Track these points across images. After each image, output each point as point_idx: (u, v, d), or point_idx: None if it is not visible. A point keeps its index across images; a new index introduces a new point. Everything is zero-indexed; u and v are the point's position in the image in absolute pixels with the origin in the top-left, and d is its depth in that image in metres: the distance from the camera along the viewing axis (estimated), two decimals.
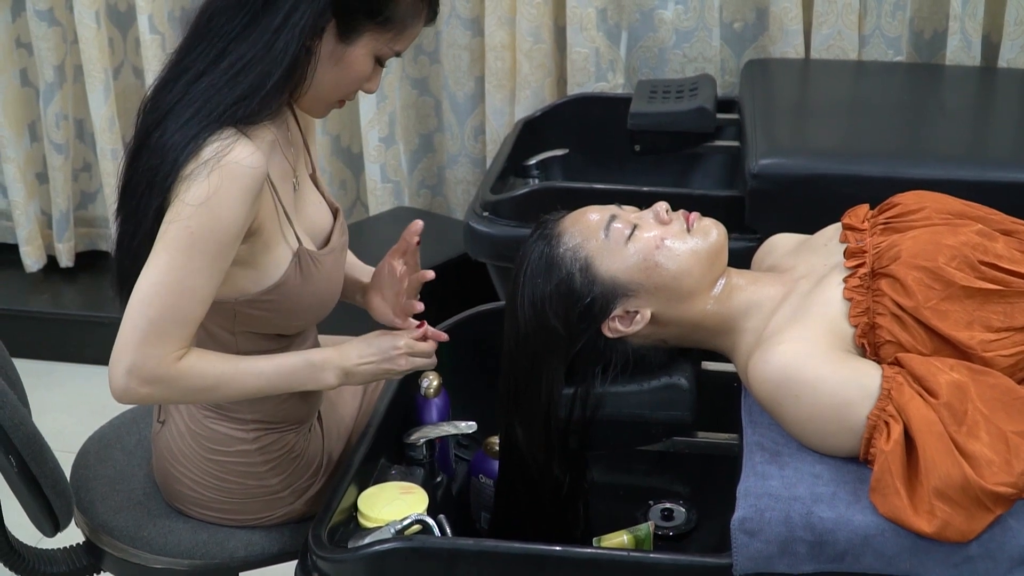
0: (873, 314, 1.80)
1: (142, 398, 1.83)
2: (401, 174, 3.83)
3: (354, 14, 1.84)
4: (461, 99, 3.80)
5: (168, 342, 1.79)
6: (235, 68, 1.82)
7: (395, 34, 1.90)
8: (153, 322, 1.78)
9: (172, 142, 1.80)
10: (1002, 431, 1.65)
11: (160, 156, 1.81)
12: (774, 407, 1.80)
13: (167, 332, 1.79)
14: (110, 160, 3.89)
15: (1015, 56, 3.39)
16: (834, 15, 3.45)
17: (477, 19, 3.68)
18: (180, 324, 1.80)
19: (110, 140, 3.88)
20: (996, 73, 3.39)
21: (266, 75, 1.81)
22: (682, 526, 2.20)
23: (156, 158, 1.81)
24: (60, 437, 2.12)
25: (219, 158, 1.77)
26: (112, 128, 3.87)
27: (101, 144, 3.89)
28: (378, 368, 1.97)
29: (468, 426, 2.10)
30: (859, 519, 1.65)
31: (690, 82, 3.28)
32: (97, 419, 2.41)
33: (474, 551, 1.78)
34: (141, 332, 1.78)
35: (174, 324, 1.79)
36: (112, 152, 3.88)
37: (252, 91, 1.81)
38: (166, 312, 1.78)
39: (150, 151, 1.83)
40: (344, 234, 2.09)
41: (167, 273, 1.78)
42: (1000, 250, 1.82)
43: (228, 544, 2.07)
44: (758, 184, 2.69)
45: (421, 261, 2.10)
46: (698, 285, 1.93)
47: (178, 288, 1.78)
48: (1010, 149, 2.95)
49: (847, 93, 3.33)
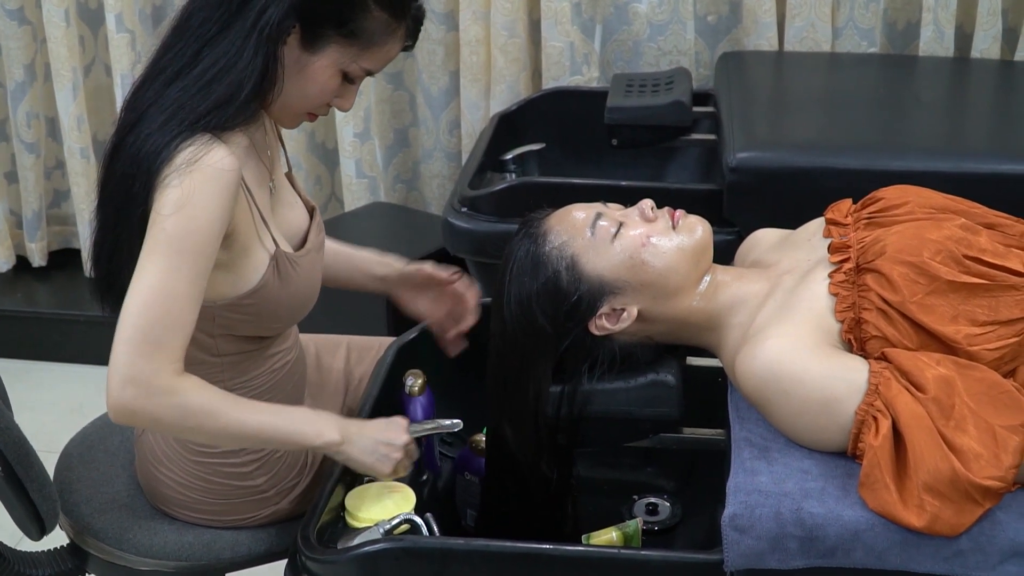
0: (859, 309, 1.81)
1: (138, 414, 1.78)
2: (376, 169, 3.82)
3: (319, 21, 1.81)
4: (436, 93, 3.79)
5: (164, 351, 1.77)
6: (208, 75, 1.80)
7: (361, 49, 1.85)
8: (146, 332, 1.76)
9: (145, 150, 1.79)
10: (989, 425, 1.66)
11: (135, 164, 1.80)
12: (762, 403, 1.80)
13: (161, 341, 1.76)
14: (79, 159, 3.87)
15: (988, 47, 3.41)
16: (807, 7, 3.46)
17: (452, 13, 3.68)
18: (173, 331, 1.77)
19: (78, 139, 3.85)
20: (969, 64, 3.41)
21: (239, 85, 1.80)
22: (667, 521, 2.20)
23: (131, 166, 1.80)
24: (39, 437, 2.11)
25: (193, 162, 1.76)
26: (81, 127, 3.85)
27: (69, 143, 3.86)
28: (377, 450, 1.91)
29: (453, 424, 2.09)
30: (849, 514, 1.66)
31: (666, 76, 3.28)
32: (75, 417, 2.41)
33: (465, 550, 1.78)
34: (135, 344, 1.76)
35: (167, 331, 1.77)
36: (81, 151, 3.86)
37: (226, 101, 1.80)
38: (158, 321, 1.76)
39: (125, 157, 1.82)
40: (321, 233, 2.08)
41: (153, 280, 1.76)
42: (984, 244, 1.83)
43: (214, 545, 2.07)
44: (736, 178, 2.69)
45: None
46: (684, 282, 1.94)
47: (167, 294, 1.76)
48: (986, 140, 2.96)
49: (822, 85, 3.35)
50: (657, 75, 3.32)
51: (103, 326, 1.95)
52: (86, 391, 3.59)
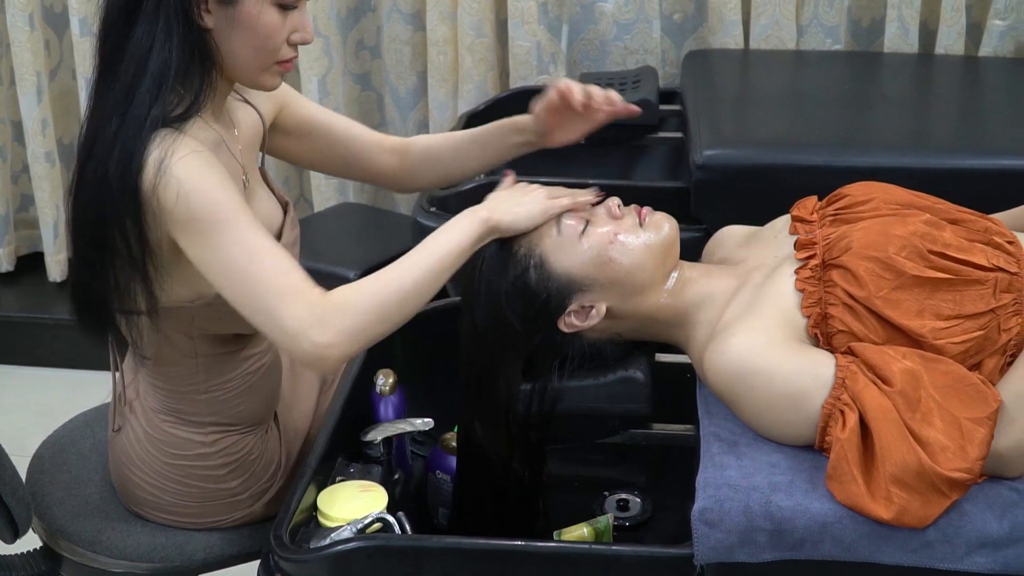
0: (825, 304, 1.82)
1: (334, 347, 1.73)
2: None
3: None
4: (404, 94, 3.80)
5: (297, 292, 1.73)
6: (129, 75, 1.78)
7: None
8: (270, 292, 1.73)
9: (113, 172, 1.77)
10: (955, 417, 1.67)
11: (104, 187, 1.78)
12: (730, 398, 1.82)
13: (289, 286, 1.73)
14: (42, 163, 3.86)
15: (952, 43, 3.43)
16: (773, 5, 3.48)
17: (419, 14, 3.69)
18: (286, 272, 1.75)
19: (43, 144, 3.84)
20: (934, 60, 3.44)
21: (162, 72, 1.77)
22: (638, 516, 2.21)
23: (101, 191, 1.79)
24: (9, 441, 2.10)
25: (166, 159, 1.75)
26: (45, 131, 3.83)
27: (33, 147, 3.85)
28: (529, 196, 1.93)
29: (424, 423, 2.10)
30: (817, 507, 1.67)
31: (632, 74, 3.30)
32: (45, 420, 2.41)
33: (438, 548, 1.79)
34: (272, 307, 1.73)
35: (282, 275, 1.74)
36: (45, 155, 3.85)
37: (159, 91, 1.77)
38: (269, 275, 1.73)
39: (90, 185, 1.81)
40: (295, 228, 2.08)
41: (229, 256, 1.74)
42: (948, 239, 1.84)
43: (187, 547, 2.07)
44: (703, 175, 2.71)
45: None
46: (652, 279, 1.95)
47: (250, 255, 1.74)
48: (950, 136, 2.99)
49: (788, 83, 3.37)
50: (624, 74, 3.33)
51: (71, 329, 1.95)
52: (55, 394, 3.59)
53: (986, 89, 3.34)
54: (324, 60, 3.69)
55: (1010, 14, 3.42)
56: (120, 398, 2.10)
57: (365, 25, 3.80)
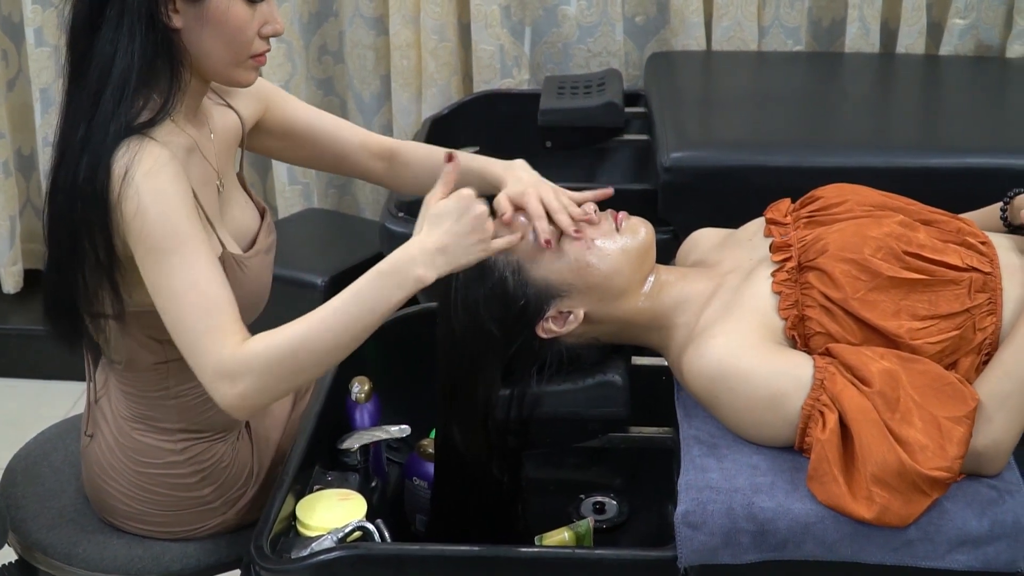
0: (802, 306, 1.83)
1: (244, 399, 1.75)
2: (310, 175, 3.81)
3: None
4: (367, 98, 3.80)
5: (222, 332, 1.75)
6: (93, 81, 1.79)
7: None
8: (196, 328, 1.75)
9: (81, 179, 1.77)
10: (934, 416, 1.69)
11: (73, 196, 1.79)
12: (710, 400, 1.82)
13: (214, 326, 1.75)
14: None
15: (913, 42, 3.46)
16: (734, 7, 3.50)
17: (381, 18, 3.69)
18: (219, 311, 1.76)
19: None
20: (895, 59, 3.47)
21: (125, 76, 1.78)
22: (615, 519, 2.21)
23: (71, 198, 1.79)
24: None
25: (130, 168, 1.75)
26: (0, 142, 3.79)
27: None
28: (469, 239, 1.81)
29: (401, 430, 2.10)
30: (799, 507, 1.68)
31: (597, 77, 3.31)
32: (13, 432, 2.39)
33: (420, 555, 1.79)
34: (194, 343, 1.76)
35: (213, 315, 1.76)
36: (1, 166, 3.80)
37: (121, 95, 1.78)
38: (201, 313, 1.75)
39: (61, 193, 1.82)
40: (271, 234, 2.08)
41: (171, 283, 1.76)
42: (922, 240, 1.86)
43: (163, 558, 2.06)
44: (670, 177, 2.72)
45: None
46: (629, 283, 1.95)
47: (190, 286, 1.76)
48: (914, 135, 3.01)
49: (751, 84, 3.39)
50: (588, 76, 3.34)
51: (34, 339, 1.94)
52: (21, 405, 3.56)
53: (948, 87, 3.38)
54: (287, 65, 3.68)
55: (970, 13, 3.46)
56: (92, 405, 2.09)
57: (327, 30, 3.79)
